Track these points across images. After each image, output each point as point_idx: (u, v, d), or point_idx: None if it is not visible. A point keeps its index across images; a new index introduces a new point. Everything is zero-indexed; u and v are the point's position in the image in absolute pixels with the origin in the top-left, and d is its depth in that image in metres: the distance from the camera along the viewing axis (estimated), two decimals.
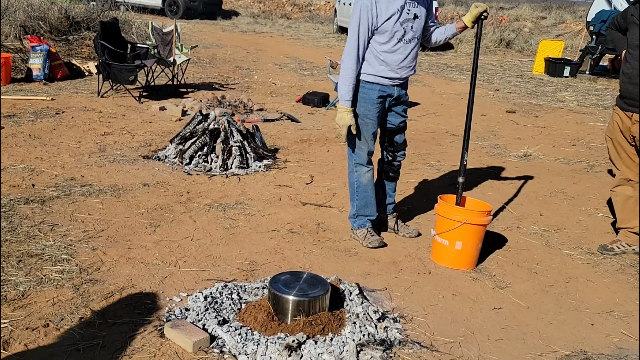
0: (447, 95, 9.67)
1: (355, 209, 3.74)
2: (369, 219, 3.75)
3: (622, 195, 3.89)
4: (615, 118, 3.86)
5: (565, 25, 20.81)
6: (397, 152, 3.75)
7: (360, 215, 3.74)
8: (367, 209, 3.72)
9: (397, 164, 3.81)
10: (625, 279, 3.53)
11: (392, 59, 3.41)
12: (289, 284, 2.70)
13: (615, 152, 3.90)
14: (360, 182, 3.67)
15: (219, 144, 5.08)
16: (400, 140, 3.74)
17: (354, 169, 3.67)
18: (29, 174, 4.46)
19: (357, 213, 3.75)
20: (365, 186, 3.68)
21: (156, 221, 3.82)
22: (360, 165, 3.65)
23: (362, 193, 3.69)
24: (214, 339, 2.54)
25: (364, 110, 3.49)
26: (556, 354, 2.70)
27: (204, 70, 10.39)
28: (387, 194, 3.90)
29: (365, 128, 3.53)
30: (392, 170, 3.82)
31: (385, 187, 3.88)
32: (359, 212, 3.74)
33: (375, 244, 3.66)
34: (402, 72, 3.49)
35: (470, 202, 3.69)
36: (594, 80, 11.92)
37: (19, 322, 2.57)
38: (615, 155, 3.92)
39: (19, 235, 3.41)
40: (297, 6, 25.95)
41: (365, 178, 3.66)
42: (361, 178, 3.66)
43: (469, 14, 3.46)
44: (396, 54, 3.41)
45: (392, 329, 2.72)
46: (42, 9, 10.25)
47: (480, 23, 3.48)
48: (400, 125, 3.69)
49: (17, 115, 6.13)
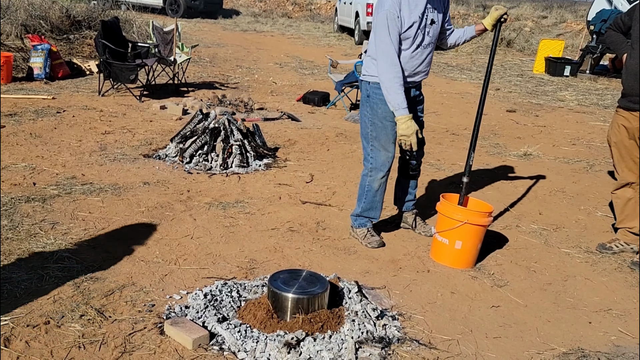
0: (447, 94, 9.68)
1: (360, 209, 3.74)
2: (370, 220, 3.77)
3: (622, 198, 3.88)
4: (620, 120, 3.79)
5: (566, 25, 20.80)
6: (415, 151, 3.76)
7: (363, 216, 3.76)
8: (371, 212, 3.73)
9: (415, 163, 3.82)
10: (623, 278, 3.54)
11: (410, 64, 3.41)
12: (288, 281, 2.71)
13: (619, 155, 3.84)
14: (372, 187, 3.64)
15: (219, 142, 5.10)
16: None
17: (369, 173, 3.62)
18: (30, 173, 4.48)
19: (360, 213, 3.76)
20: (375, 191, 3.65)
21: (156, 219, 3.84)
22: (376, 170, 3.59)
23: (371, 197, 3.68)
24: (213, 336, 2.56)
25: (382, 112, 3.45)
26: (554, 352, 2.71)
27: (205, 70, 10.40)
28: (407, 192, 3.93)
29: (384, 131, 3.49)
30: (411, 168, 3.84)
31: (405, 185, 3.90)
32: (362, 213, 3.75)
33: (374, 244, 3.68)
34: (417, 77, 3.52)
35: (472, 202, 3.69)
36: (595, 80, 11.92)
37: (20, 319, 2.59)
38: (618, 158, 3.86)
39: (20, 233, 3.43)
40: (298, 5, 25.96)
41: (378, 184, 3.62)
42: (374, 183, 3.62)
43: (490, 17, 3.49)
44: (414, 59, 3.42)
45: (390, 326, 2.74)
46: (43, 8, 10.27)
47: (499, 26, 3.49)
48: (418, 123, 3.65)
49: (18, 114, 6.15)
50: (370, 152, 3.57)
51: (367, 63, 3.50)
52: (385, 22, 3.23)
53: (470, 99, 9.25)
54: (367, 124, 3.53)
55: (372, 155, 3.57)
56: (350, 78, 7.67)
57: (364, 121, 3.56)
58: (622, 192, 3.88)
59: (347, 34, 18.38)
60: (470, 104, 8.88)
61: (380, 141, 3.52)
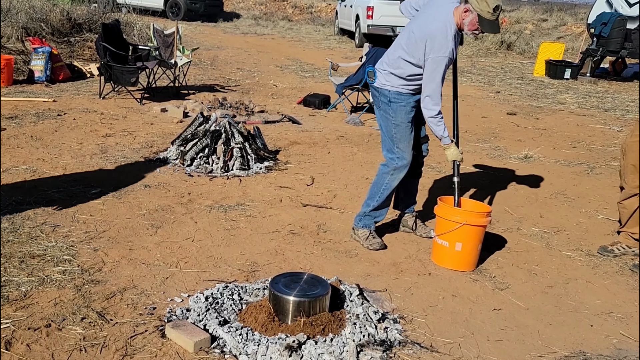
0: (446, 96, 9.66)
1: (371, 207, 3.75)
2: (375, 221, 3.78)
3: (630, 208, 3.83)
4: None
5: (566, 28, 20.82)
6: (423, 145, 3.87)
7: (369, 216, 3.76)
8: (380, 211, 3.77)
9: (421, 159, 3.91)
10: (624, 281, 3.54)
11: None
12: (289, 284, 2.71)
13: (634, 166, 3.73)
14: (391, 185, 3.69)
15: (220, 145, 5.10)
16: (422, 133, 3.85)
17: (391, 171, 3.67)
18: (30, 175, 4.48)
19: (369, 212, 3.76)
20: (392, 191, 3.72)
21: (157, 222, 3.84)
22: (400, 170, 3.65)
23: (388, 196, 3.73)
24: (214, 339, 2.56)
25: (402, 117, 3.57)
26: (555, 355, 2.71)
27: (205, 72, 10.41)
28: (410, 192, 3.97)
29: (405, 133, 3.60)
30: (418, 165, 3.88)
31: (409, 186, 3.93)
32: (371, 213, 3.76)
33: (376, 246, 3.68)
34: None
35: (469, 203, 3.70)
36: (595, 83, 11.93)
37: (21, 322, 2.59)
38: (632, 169, 3.75)
39: (21, 236, 3.43)
40: (298, 8, 25.99)
41: (397, 183, 3.70)
42: (393, 182, 3.68)
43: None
44: None
45: (392, 329, 2.73)
46: (44, 10, 10.29)
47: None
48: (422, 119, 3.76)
49: (19, 117, 6.15)
50: (397, 152, 3.64)
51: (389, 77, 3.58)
52: (444, 67, 3.38)
53: (471, 102, 9.26)
54: (390, 127, 3.62)
55: (399, 155, 3.64)
56: (351, 81, 7.66)
57: (387, 125, 3.63)
58: (630, 203, 3.83)
59: (347, 37, 18.39)
60: (470, 106, 8.88)
61: (405, 142, 3.62)
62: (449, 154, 3.60)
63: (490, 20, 3.34)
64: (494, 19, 3.34)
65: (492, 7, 3.29)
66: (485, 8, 3.31)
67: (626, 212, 3.87)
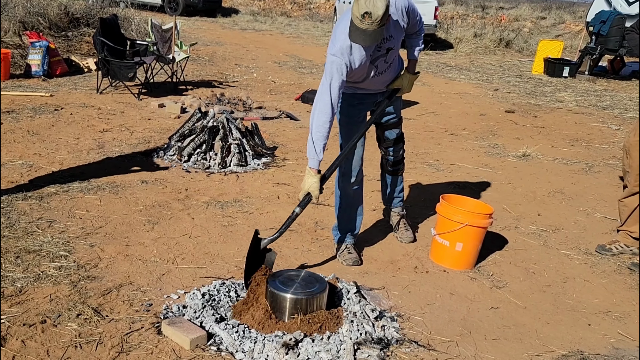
0: (446, 94, 9.66)
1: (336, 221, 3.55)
2: (352, 234, 3.54)
3: (630, 207, 3.83)
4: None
5: (565, 26, 20.82)
6: (388, 148, 3.66)
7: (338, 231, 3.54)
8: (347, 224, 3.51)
9: (392, 159, 3.70)
10: (622, 280, 3.54)
11: (365, 85, 3.29)
12: (286, 282, 2.70)
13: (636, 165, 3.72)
14: (342, 195, 3.48)
15: (217, 141, 5.08)
16: (391, 136, 3.62)
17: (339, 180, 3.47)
18: (27, 170, 4.45)
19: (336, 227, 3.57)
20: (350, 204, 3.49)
21: (154, 218, 3.82)
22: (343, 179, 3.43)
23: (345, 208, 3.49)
24: (211, 336, 2.55)
25: (346, 115, 3.38)
26: (553, 354, 2.70)
27: (203, 68, 10.37)
28: (389, 186, 3.81)
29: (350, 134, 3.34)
30: (389, 164, 3.74)
31: (387, 180, 3.81)
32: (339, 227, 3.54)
33: (349, 262, 3.42)
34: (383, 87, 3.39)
35: (471, 203, 3.66)
36: (593, 81, 11.93)
37: (16, 318, 2.57)
38: (635, 167, 3.73)
39: (17, 232, 3.40)
40: (296, 4, 25.94)
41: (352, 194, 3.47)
42: (343, 192, 3.47)
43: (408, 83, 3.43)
44: (369, 83, 3.27)
45: (389, 327, 2.72)
46: (42, 5, 10.22)
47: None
48: (390, 122, 3.57)
49: (16, 111, 6.12)
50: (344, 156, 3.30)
51: None
52: (334, 70, 2.94)
53: (469, 99, 9.24)
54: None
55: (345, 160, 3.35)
56: None
57: None
58: (631, 201, 3.82)
59: None
60: (469, 104, 8.87)
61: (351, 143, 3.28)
62: (306, 183, 2.99)
63: (359, 27, 2.76)
64: (363, 27, 2.74)
65: (362, 12, 2.71)
66: (356, 11, 2.74)
67: (626, 210, 3.87)
